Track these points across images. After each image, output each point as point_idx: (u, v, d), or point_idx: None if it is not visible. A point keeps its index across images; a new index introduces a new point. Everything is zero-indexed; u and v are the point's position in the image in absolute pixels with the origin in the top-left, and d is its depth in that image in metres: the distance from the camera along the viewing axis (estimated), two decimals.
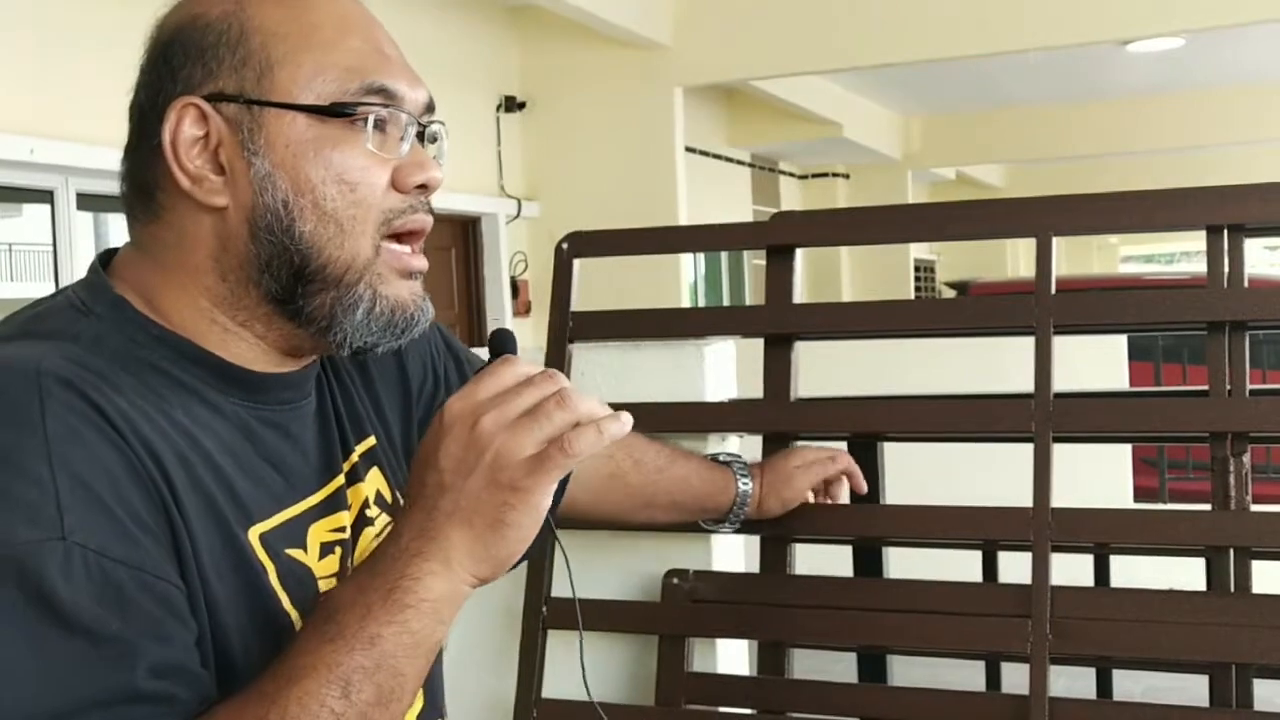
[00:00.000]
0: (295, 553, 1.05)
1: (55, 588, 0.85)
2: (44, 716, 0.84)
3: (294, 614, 1.02)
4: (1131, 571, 2.24)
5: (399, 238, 1.06)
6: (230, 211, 1.01)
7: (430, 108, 1.09)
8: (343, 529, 1.11)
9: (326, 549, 1.08)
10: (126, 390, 0.94)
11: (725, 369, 1.92)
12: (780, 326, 1.81)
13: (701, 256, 9.64)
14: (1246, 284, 1.65)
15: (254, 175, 1.00)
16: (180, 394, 1.00)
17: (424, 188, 1.06)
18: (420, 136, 1.07)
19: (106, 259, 1.08)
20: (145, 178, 1.04)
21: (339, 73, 1.01)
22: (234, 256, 1.02)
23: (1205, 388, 1.66)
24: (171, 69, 1.02)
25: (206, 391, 1.02)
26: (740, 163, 10.20)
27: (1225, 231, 1.65)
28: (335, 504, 1.11)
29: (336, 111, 1.01)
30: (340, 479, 1.13)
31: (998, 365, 5.10)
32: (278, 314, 1.04)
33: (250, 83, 1.00)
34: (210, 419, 1.01)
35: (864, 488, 1.74)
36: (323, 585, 1.06)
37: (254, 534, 1.01)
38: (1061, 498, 1.64)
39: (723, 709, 1.78)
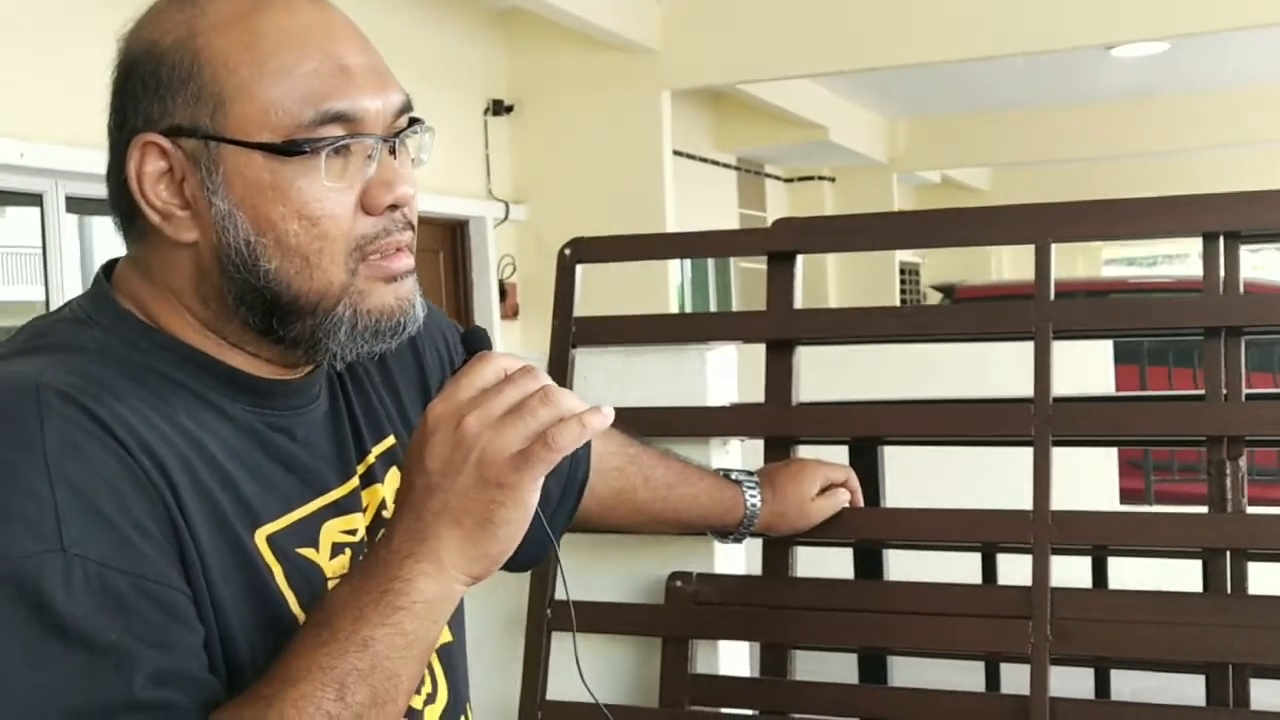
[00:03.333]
0: (307, 552, 1.06)
1: (54, 599, 0.86)
2: None
3: (300, 614, 1.02)
4: (1125, 572, 2.27)
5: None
6: (201, 245, 1.01)
7: (405, 108, 1.05)
8: (354, 531, 1.11)
9: (338, 549, 1.09)
10: (129, 398, 0.95)
11: (727, 374, 1.94)
12: (782, 332, 1.83)
13: (688, 259, 9.65)
14: (1240, 284, 1.68)
15: (215, 214, 0.99)
16: (184, 398, 1.00)
17: (395, 206, 1.03)
18: (394, 147, 1.03)
19: (109, 267, 1.08)
20: (124, 206, 1.03)
21: (293, 103, 0.98)
22: (211, 288, 1.02)
23: (1201, 392, 1.68)
24: (134, 100, 1.00)
25: (212, 396, 1.02)
26: (727, 166, 10.21)
27: (1221, 238, 1.67)
28: (349, 505, 1.12)
29: (291, 150, 0.98)
30: (355, 481, 1.13)
31: (984, 369, 5.13)
32: (262, 338, 1.04)
33: (205, 118, 0.98)
34: (215, 422, 1.01)
35: (860, 505, 1.77)
36: (332, 585, 1.06)
37: (260, 535, 1.01)
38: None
39: (725, 710, 1.80)
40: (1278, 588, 1.63)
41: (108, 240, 4.85)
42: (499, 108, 7.03)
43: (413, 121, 1.06)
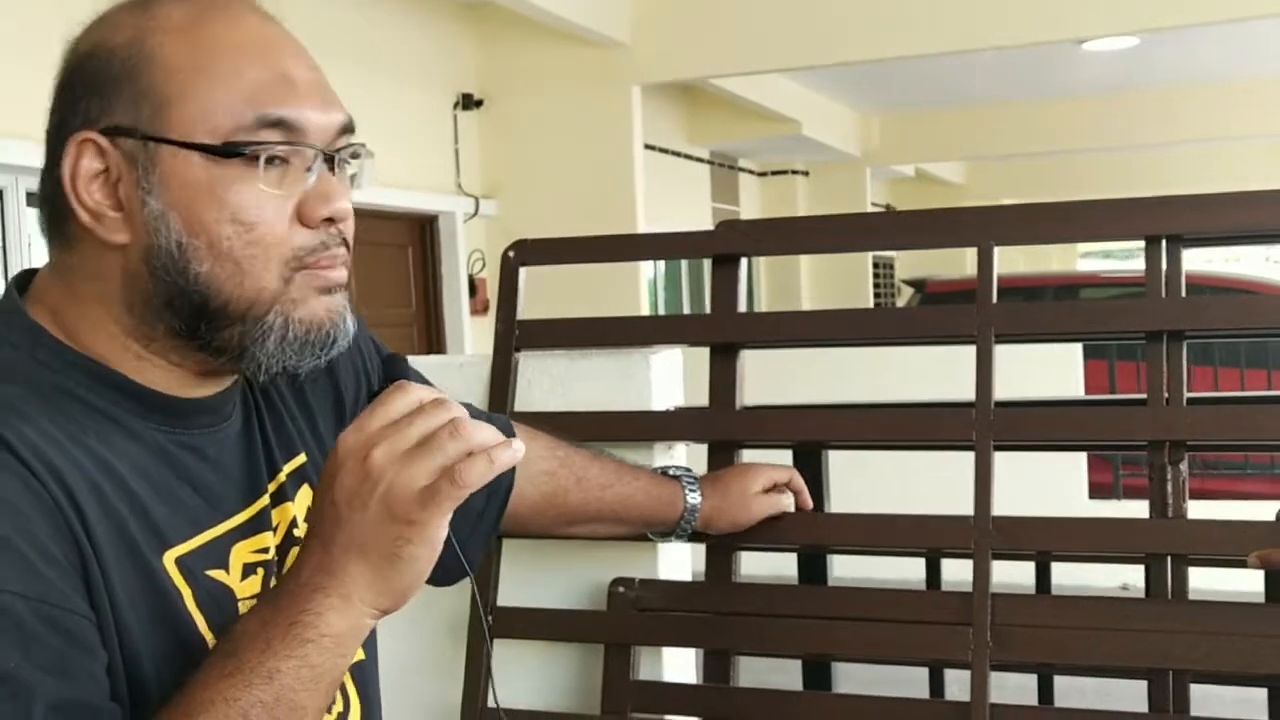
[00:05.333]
0: (216, 574, 1.04)
1: None
2: None
3: (210, 637, 1.01)
4: (1081, 570, 2.27)
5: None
6: (130, 248, 1.00)
7: (346, 129, 1.05)
8: (266, 550, 1.10)
9: (249, 570, 1.07)
10: (37, 418, 0.93)
11: (672, 377, 1.92)
12: (725, 335, 1.82)
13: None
14: (1183, 288, 1.67)
15: (148, 215, 0.98)
16: (95, 420, 0.98)
17: (331, 220, 1.03)
18: (332, 163, 1.03)
19: (23, 281, 1.06)
20: (55, 206, 1.01)
21: (235, 107, 0.98)
22: (138, 292, 1.00)
23: (1144, 396, 1.68)
24: (75, 98, 1.00)
25: (122, 416, 1.00)
26: (700, 160, 10.20)
27: (1164, 242, 1.67)
28: (259, 525, 1.10)
29: (229, 151, 0.98)
30: (265, 500, 1.12)
31: (956, 365, 5.14)
32: (187, 346, 1.02)
33: (146, 118, 0.98)
34: (126, 444, 0.99)
35: (809, 506, 1.75)
36: (243, 606, 1.05)
37: (169, 558, 1.00)
38: (1016, 496, 1.66)
39: (668, 717, 1.79)
40: (1219, 592, 1.63)
41: None
42: (468, 102, 7.01)
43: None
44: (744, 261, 1.83)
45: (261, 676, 0.91)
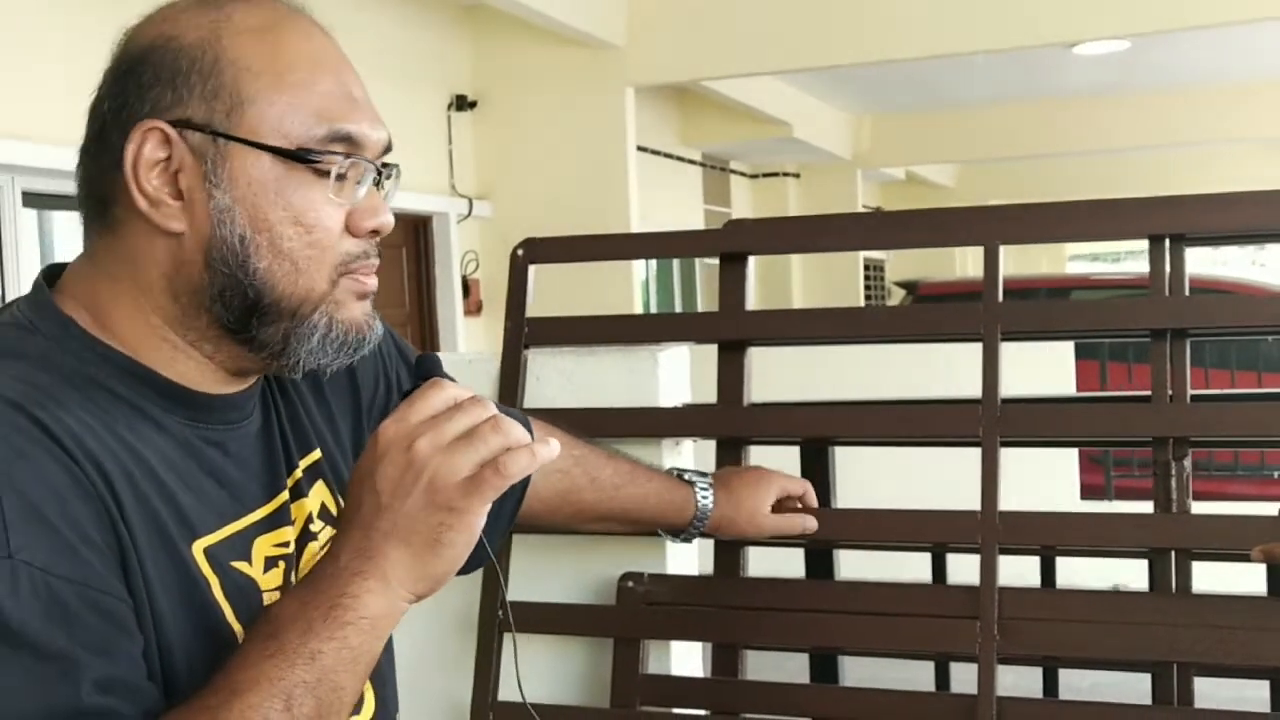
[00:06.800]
0: (240, 565, 1.07)
1: (2, 605, 0.86)
2: None
3: (236, 626, 1.03)
4: (1079, 568, 2.29)
5: None
6: (186, 238, 1.02)
7: (388, 148, 1.10)
8: (286, 544, 1.13)
9: (270, 563, 1.10)
10: (73, 407, 0.96)
11: (679, 374, 1.94)
12: (733, 333, 1.84)
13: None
14: (1186, 287, 1.69)
15: (213, 207, 1.01)
16: (125, 410, 1.01)
17: (376, 232, 1.08)
18: (379, 179, 1.08)
19: (52, 274, 1.08)
20: (102, 189, 1.04)
21: (308, 116, 1.03)
22: (186, 281, 1.03)
23: (1148, 393, 1.70)
24: (140, 86, 1.02)
25: (149, 408, 1.03)
26: (692, 162, 10.22)
27: (1167, 241, 1.69)
28: (280, 519, 1.13)
29: (302, 157, 1.02)
30: (284, 495, 1.14)
31: (951, 365, 5.18)
32: (227, 338, 1.05)
33: (220, 115, 1.01)
34: (153, 435, 1.02)
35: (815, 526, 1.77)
36: (267, 598, 1.08)
37: (198, 547, 1.02)
38: (1008, 495, 1.67)
39: (677, 710, 1.81)
40: (1222, 586, 1.64)
41: (64, 235, 4.81)
42: (462, 103, 7.02)
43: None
44: (750, 260, 1.85)
45: (304, 658, 0.93)
